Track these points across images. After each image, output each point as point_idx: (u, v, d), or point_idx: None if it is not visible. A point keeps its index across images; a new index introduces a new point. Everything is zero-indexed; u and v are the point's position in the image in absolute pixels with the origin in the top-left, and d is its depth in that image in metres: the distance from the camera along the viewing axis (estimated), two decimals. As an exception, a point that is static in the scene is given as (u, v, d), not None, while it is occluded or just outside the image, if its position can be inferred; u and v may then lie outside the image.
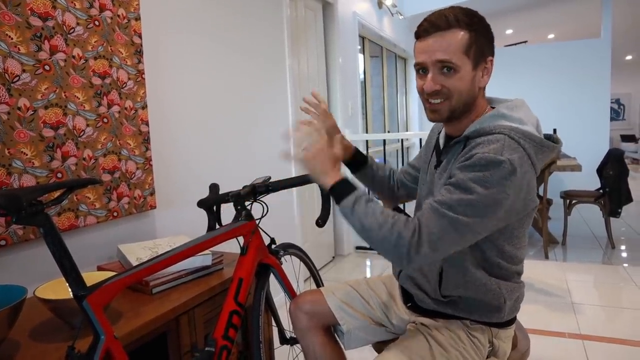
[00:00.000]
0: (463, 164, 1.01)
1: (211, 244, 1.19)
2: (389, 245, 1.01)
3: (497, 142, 1.01)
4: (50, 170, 1.40)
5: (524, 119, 1.09)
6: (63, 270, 0.89)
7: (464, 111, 1.12)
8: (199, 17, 2.17)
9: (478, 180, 0.97)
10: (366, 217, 1.05)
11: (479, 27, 1.07)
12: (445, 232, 0.98)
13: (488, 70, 1.12)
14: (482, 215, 0.98)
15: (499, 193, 0.98)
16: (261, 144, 2.70)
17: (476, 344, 1.16)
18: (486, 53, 1.10)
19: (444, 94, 1.09)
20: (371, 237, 1.04)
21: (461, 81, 1.07)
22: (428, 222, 0.99)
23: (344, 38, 4.10)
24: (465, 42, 1.06)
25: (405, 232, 0.99)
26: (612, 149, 4.23)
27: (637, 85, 12.96)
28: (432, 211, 1.00)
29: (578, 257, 3.87)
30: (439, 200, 1.01)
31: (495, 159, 0.97)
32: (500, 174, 0.97)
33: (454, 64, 1.06)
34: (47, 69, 1.39)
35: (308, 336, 1.36)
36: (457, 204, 0.98)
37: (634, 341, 2.35)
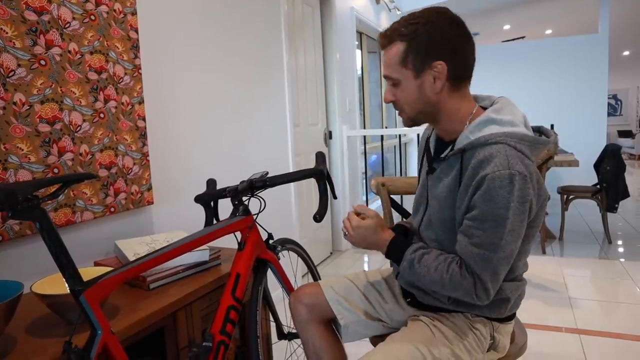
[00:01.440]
0: (479, 191, 1.02)
1: (209, 239, 1.19)
2: (462, 297, 1.09)
3: (499, 155, 1.01)
4: (46, 165, 1.39)
5: (513, 120, 1.08)
6: (59, 266, 0.89)
7: (425, 117, 1.16)
8: (196, 13, 2.16)
9: (503, 204, 1.00)
10: (425, 279, 1.12)
11: (417, 35, 1.07)
12: (500, 268, 1.04)
13: (440, 74, 1.09)
14: (519, 230, 1.04)
15: (523, 205, 1.01)
16: (259, 139, 2.70)
17: (478, 336, 1.17)
18: (430, 58, 1.08)
19: (398, 106, 1.17)
20: (436, 285, 1.11)
21: (406, 92, 1.13)
22: (479, 270, 1.04)
23: (342, 34, 4.09)
24: (400, 54, 1.10)
25: (466, 284, 1.06)
26: (609, 144, 4.24)
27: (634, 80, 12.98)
28: (479, 260, 1.04)
29: (575, 252, 3.88)
30: (477, 244, 1.04)
31: (507, 175, 0.99)
32: (517, 187, 1.00)
33: (393, 78, 1.13)
34: (43, 64, 1.38)
35: (307, 329, 1.36)
36: (499, 239, 1.02)
37: (630, 335, 2.37)
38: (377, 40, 1.19)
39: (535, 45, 6.78)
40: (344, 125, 4.05)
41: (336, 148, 4.04)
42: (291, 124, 3.06)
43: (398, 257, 1.17)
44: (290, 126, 3.05)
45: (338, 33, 3.99)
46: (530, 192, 1.02)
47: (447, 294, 1.12)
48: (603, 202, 4.10)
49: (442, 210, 1.15)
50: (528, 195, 1.01)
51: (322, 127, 3.93)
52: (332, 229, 4.13)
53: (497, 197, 1.00)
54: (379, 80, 5.68)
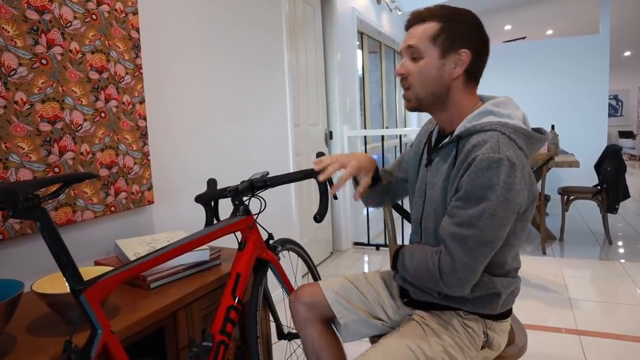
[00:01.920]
0: (467, 172, 1.04)
1: (209, 239, 1.19)
2: (440, 288, 1.11)
3: (491, 140, 1.03)
4: (47, 164, 1.39)
5: (511, 114, 1.11)
6: (60, 265, 0.89)
7: (436, 101, 1.16)
8: (197, 13, 2.16)
9: (486, 184, 1.00)
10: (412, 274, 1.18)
11: (453, 19, 1.12)
12: (476, 254, 1.04)
13: (462, 62, 1.12)
14: (501, 219, 1.02)
15: (508, 191, 1.01)
16: (259, 139, 2.70)
17: (470, 334, 1.18)
18: (459, 44, 1.12)
19: (409, 82, 1.16)
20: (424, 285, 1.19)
21: (425, 68, 1.13)
22: (456, 250, 1.05)
23: (343, 34, 4.09)
24: (434, 30, 1.12)
25: (434, 262, 1.09)
26: (610, 145, 4.24)
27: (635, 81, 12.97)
28: (456, 240, 1.05)
29: (575, 253, 3.88)
30: (457, 222, 1.05)
31: (495, 158, 1.00)
32: (503, 171, 1.00)
33: (418, 50, 1.12)
34: (44, 63, 1.38)
35: (307, 328, 1.37)
36: (477, 219, 1.02)
37: (630, 336, 2.37)
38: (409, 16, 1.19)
39: (536, 45, 6.78)
40: (344, 126, 4.05)
41: (337, 148, 4.04)
42: (292, 124, 3.06)
43: (395, 261, 1.23)
44: (291, 126, 3.05)
45: (339, 33, 3.99)
46: (517, 182, 1.01)
47: (436, 287, 1.12)
48: (603, 202, 4.09)
49: (438, 200, 1.16)
50: (514, 184, 1.01)
51: (323, 127, 3.93)
52: (332, 229, 4.13)
53: (482, 177, 1.01)
54: (380, 80, 5.67)
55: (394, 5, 5.40)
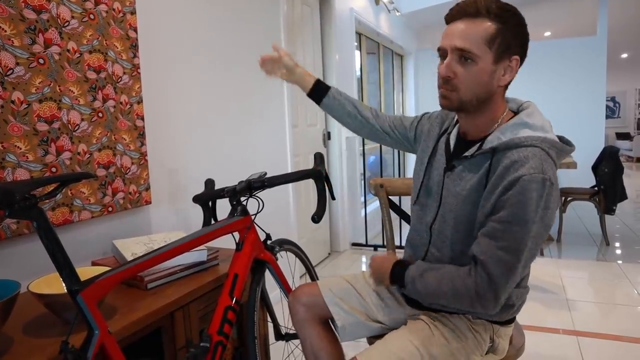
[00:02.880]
0: (510, 192, 0.99)
1: (206, 239, 1.19)
2: (474, 308, 1.04)
3: (534, 158, 0.99)
4: (44, 164, 1.39)
5: (544, 125, 1.07)
6: (57, 265, 0.88)
7: (478, 106, 1.09)
8: (195, 12, 2.15)
9: (532, 207, 0.97)
10: (433, 297, 1.10)
11: (509, 21, 1.03)
12: (517, 277, 1.02)
13: (512, 69, 1.07)
14: (541, 239, 1.02)
15: (546, 211, 0.99)
16: (257, 140, 2.69)
17: (477, 339, 1.17)
18: (512, 50, 1.05)
19: (454, 84, 1.06)
20: (450, 300, 1.08)
21: (477, 72, 1.04)
22: (501, 281, 1.00)
23: (341, 35, 4.09)
24: (490, 32, 1.02)
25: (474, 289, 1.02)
26: (607, 146, 4.25)
27: (632, 83, 13.01)
28: (502, 266, 1.00)
29: (573, 254, 3.88)
30: (504, 247, 0.99)
31: (540, 178, 0.97)
32: (547, 192, 0.98)
33: (472, 54, 1.02)
34: (42, 63, 1.38)
35: (305, 327, 1.37)
36: (524, 244, 0.99)
37: (627, 337, 2.37)
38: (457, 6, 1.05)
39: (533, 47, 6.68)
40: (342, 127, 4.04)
41: (335, 149, 4.04)
42: (290, 124, 3.06)
43: (401, 281, 1.15)
44: (289, 127, 3.05)
45: (337, 34, 3.99)
46: (553, 201, 1.00)
47: (460, 306, 1.07)
48: (601, 204, 4.10)
49: (460, 209, 1.12)
50: (552, 203, 0.99)
51: (321, 128, 3.92)
52: (330, 229, 4.13)
53: (530, 200, 0.97)
54: (378, 81, 5.68)
55: (393, 6, 5.40)
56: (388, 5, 5.29)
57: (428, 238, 1.23)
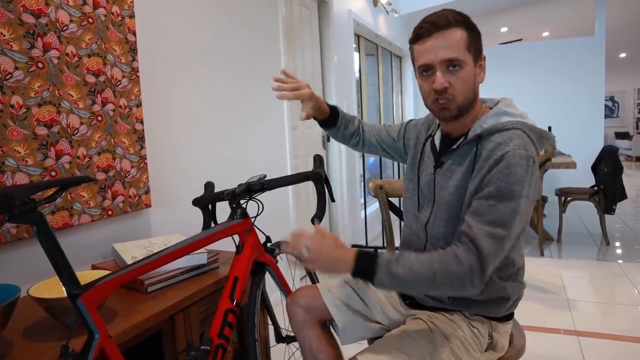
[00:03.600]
0: (496, 168, 1.03)
1: (206, 242, 1.19)
2: (458, 290, 1.01)
3: (517, 138, 1.06)
4: (43, 168, 1.39)
5: (522, 114, 1.15)
6: (56, 269, 0.88)
7: (468, 108, 1.15)
8: (194, 16, 2.16)
9: (519, 181, 1.01)
10: (413, 278, 1.00)
11: (471, 27, 1.13)
12: (506, 249, 1.02)
13: (483, 67, 1.17)
14: (528, 216, 1.05)
15: (530, 188, 1.04)
16: (257, 142, 2.69)
17: (476, 335, 1.18)
18: (481, 51, 1.15)
19: (450, 93, 1.11)
20: (426, 282, 1.01)
21: (465, 77, 1.11)
22: (490, 250, 0.99)
23: (340, 36, 4.10)
24: (465, 39, 1.10)
25: (462, 270, 0.98)
26: (607, 146, 4.25)
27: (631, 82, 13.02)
28: (490, 238, 0.99)
29: (573, 254, 3.88)
30: (492, 222, 1.00)
31: (524, 155, 1.03)
32: (530, 169, 1.03)
33: (460, 60, 1.09)
34: (41, 67, 1.38)
35: (304, 330, 1.36)
36: (512, 216, 1.01)
37: (628, 337, 2.37)
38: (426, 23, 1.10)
39: (532, 47, 6.80)
40: (342, 128, 4.05)
41: (334, 151, 4.04)
42: (289, 126, 3.06)
43: (371, 266, 1.03)
44: (288, 129, 3.05)
45: (336, 35, 4.00)
46: (535, 179, 1.05)
47: (439, 290, 1.02)
48: (601, 203, 4.10)
49: (452, 201, 1.15)
50: (534, 182, 1.05)
51: (320, 130, 3.92)
52: (330, 231, 4.12)
53: (516, 173, 1.01)
54: (377, 82, 5.68)
55: (391, 7, 5.41)
56: (386, 6, 5.30)
57: (425, 237, 1.25)
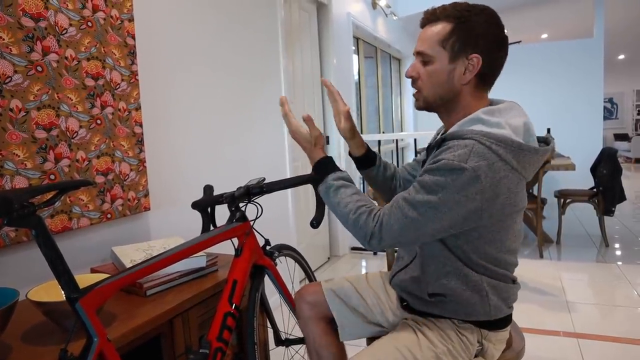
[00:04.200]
0: (430, 167, 1.03)
1: (205, 245, 1.19)
2: (354, 230, 1.11)
3: (464, 148, 1.00)
4: (43, 172, 1.39)
5: (502, 122, 1.05)
6: (55, 273, 0.88)
7: (444, 105, 1.15)
8: (193, 19, 2.16)
9: (440, 184, 1.00)
10: (341, 200, 1.15)
11: (468, 20, 1.07)
12: (404, 230, 1.05)
13: (473, 68, 1.08)
14: (440, 218, 1.02)
15: (461, 198, 0.99)
16: (256, 145, 2.70)
17: (465, 342, 1.17)
18: (470, 48, 1.08)
19: (418, 85, 1.15)
20: (342, 219, 1.15)
21: (434, 73, 1.11)
22: (390, 218, 1.06)
23: (338, 39, 4.10)
24: (443, 33, 1.08)
25: (369, 222, 1.08)
26: (606, 147, 4.25)
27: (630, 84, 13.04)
28: (397, 208, 1.06)
29: (572, 256, 3.88)
30: (405, 198, 1.06)
31: (457, 166, 0.98)
32: (462, 180, 0.98)
33: (426, 54, 1.10)
34: (40, 70, 1.38)
35: (309, 325, 1.39)
36: (420, 205, 1.03)
37: (628, 339, 2.37)
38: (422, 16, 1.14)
39: (531, 49, 6.81)
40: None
41: (333, 153, 4.05)
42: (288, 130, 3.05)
43: (326, 171, 1.21)
44: (288, 131, 3.05)
45: (335, 38, 4.00)
46: (475, 192, 0.99)
47: (348, 222, 1.13)
48: (600, 205, 4.10)
49: None
50: (470, 194, 0.99)
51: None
52: (329, 234, 4.13)
53: (440, 177, 1.00)
54: (376, 85, 5.69)
55: (390, 10, 5.42)
56: (385, 9, 5.31)
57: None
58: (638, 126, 12.85)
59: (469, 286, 1.14)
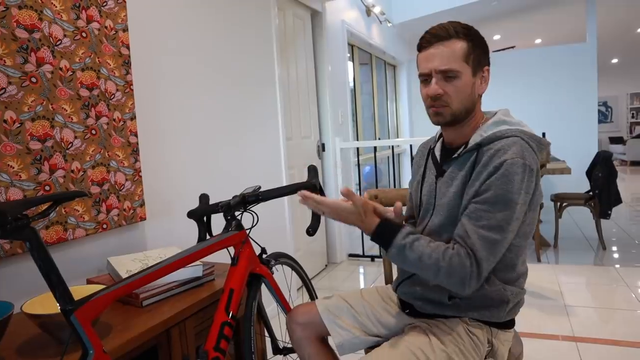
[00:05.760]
0: (495, 175, 1.08)
1: (202, 254, 1.18)
2: (448, 278, 1.07)
3: (514, 145, 1.09)
4: (37, 183, 1.39)
5: (521, 122, 1.19)
6: (50, 285, 0.88)
7: (465, 116, 1.19)
8: (187, 28, 2.17)
9: (515, 189, 1.06)
10: (422, 254, 1.09)
11: (475, 39, 1.17)
12: (497, 254, 1.08)
13: (485, 78, 1.21)
14: (519, 222, 1.11)
15: (527, 195, 1.09)
16: (251, 153, 2.70)
17: (475, 342, 1.18)
18: (483, 62, 1.19)
19: (445, 100, 1.17)
20: (429, 272, 1.10)
21: (462, 86, 1.16)
22: (482, 251, 1.06)
23: (333, 46, 4.12)
24: (464, 50, 1.15)
25: (465, 263, 1.06)
26: (601, 151, 4.27)
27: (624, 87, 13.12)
28: (483, 239, 1.06)
29: (570, 259, 3.89)
30: (487, 226, 1.07)
31: (521, 163, 1.06)
32: (527, 177, 1.07)
33: (455, 71, 1.14)
34: (34, 81, 1.38)
35: (303, 346, 1.39)
36: (507, 223, 1.07)
37: (627, 341, 2.36)
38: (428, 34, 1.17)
39: (525, 54, 6.86)
40: (336, 138, 4.06)
41: (329, 160, 4.05)
42: (284, 137, 3.06)
43: (386, 242, 1.13)
44: (283, 139, 3.06)
45: (329, 45, 4.02)
46: (533, 186, 1.10)
47: (439, 282, 1.10)
48: (596, 208, 4.11)
49: (452, 206, 1.18)
50: (531, 189, 1.09)
51: (315, 140, 3.93)
52: (326, 241, 4.12)
53: (513, 182, 1.06)
54: (372, 91, 5.71)
55: (384, 17, 5.45)
56: (379, 16, 5.34)
57: None
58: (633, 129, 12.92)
59: (494, 295, 1.17)
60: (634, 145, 11.22)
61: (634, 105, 13.05)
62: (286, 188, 1.38)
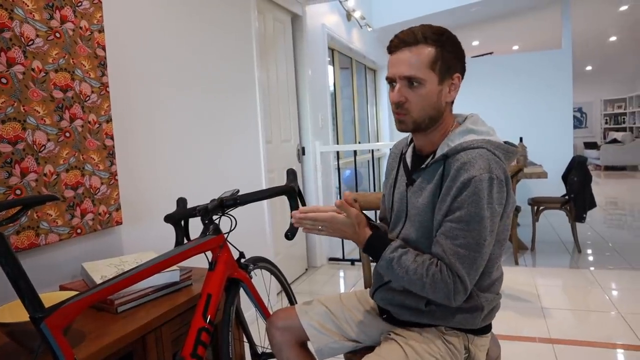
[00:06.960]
0: (464, 193, 1.06)
1: (179, 259, 1.16)
2: (433, 292, 1.09)
3: (480, 159, 1.07)
4: (8, 187, 1.34)
5: (489, 130, 1.16)
6: (18, 292, 0.85)
7: (430, 124, 1.17)
8: (166, 30, 2.14)
9: (485, 205, 1.05)
10: (408, 269, 1.11)
11: (446, 44, 1.12)
12: (478, 268, 1.09)
13: (455, 86, 1.16)
14: (494, 232, 1.10)
15: (499, 207, 1.08)
16: (231, 157, 2.67)
17: (452, 350, 1.18)
18: (452, 69, 1.14)
19: (407, 108, 1.14)
20: (414, 286, 1.12)
21: (425, 95, 1.12)
22: (463, 267, 1.07)
23: (313, 50, 4.12)
24: (431, 57, 1.11)
25: (447, 279, 1.07)
26: (576, 156, 4.36)
27: (597, 94, 13.44)
28: (464, 259, 1.07)
29: (547, 262, 3.95)
30: (463, 245, 1.07)
31: (488, 177, 1.05)
32: (495, 190, 1.06)
33: (418, 78, 1.11)
34: (4, 82, 1.34)
35: (283, 351, 1.39)
36: (483, 239, 1.07)
37: (602, 343, 2.41)
38: (397, 38, 1.14)
39: (503, 60, 6.97)
40: (316, 141, 4.06)
41: (309, 164, 4.04)
42: (263, 140, 3.04)
43: (376, 255, 1.15)
44: (263, 143, 3.04)
45: (310, 49, 4.02)
46: (504, 197, 1.09)
47: (425, 295, 1.12)
48: (572, 212, 4.19)
49: (423, 218, 1.17)
50: (503, 199, 1.09)
51: (295, 144, 3.92)
52: (306, 245, 4.11)
53: (482, 199, 1.05)
54: (352, 95, 5.73)
55: (364, 22, 5.48)
56: (360, 21, 5.36)
57: None
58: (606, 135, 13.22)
59: (469, 302, 1.16)
60: (608, 151, 11.48)
61: (607, 111, 13.37)
62: (265, 192, 1.36)
